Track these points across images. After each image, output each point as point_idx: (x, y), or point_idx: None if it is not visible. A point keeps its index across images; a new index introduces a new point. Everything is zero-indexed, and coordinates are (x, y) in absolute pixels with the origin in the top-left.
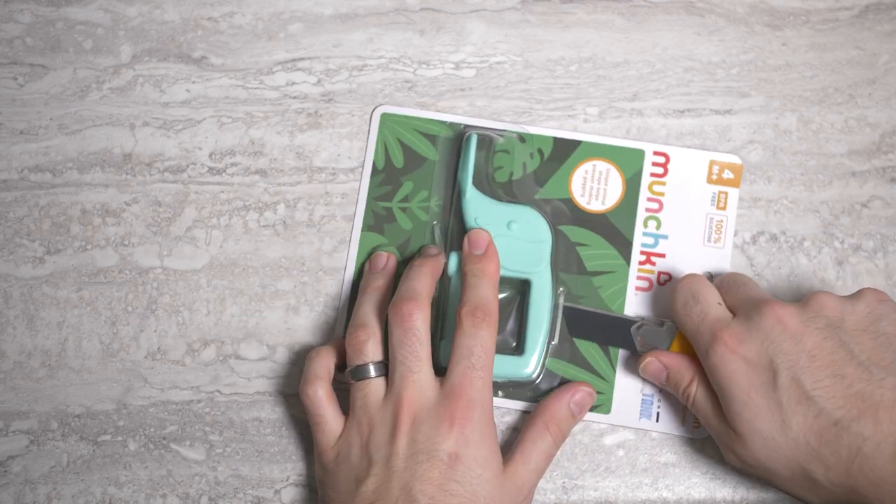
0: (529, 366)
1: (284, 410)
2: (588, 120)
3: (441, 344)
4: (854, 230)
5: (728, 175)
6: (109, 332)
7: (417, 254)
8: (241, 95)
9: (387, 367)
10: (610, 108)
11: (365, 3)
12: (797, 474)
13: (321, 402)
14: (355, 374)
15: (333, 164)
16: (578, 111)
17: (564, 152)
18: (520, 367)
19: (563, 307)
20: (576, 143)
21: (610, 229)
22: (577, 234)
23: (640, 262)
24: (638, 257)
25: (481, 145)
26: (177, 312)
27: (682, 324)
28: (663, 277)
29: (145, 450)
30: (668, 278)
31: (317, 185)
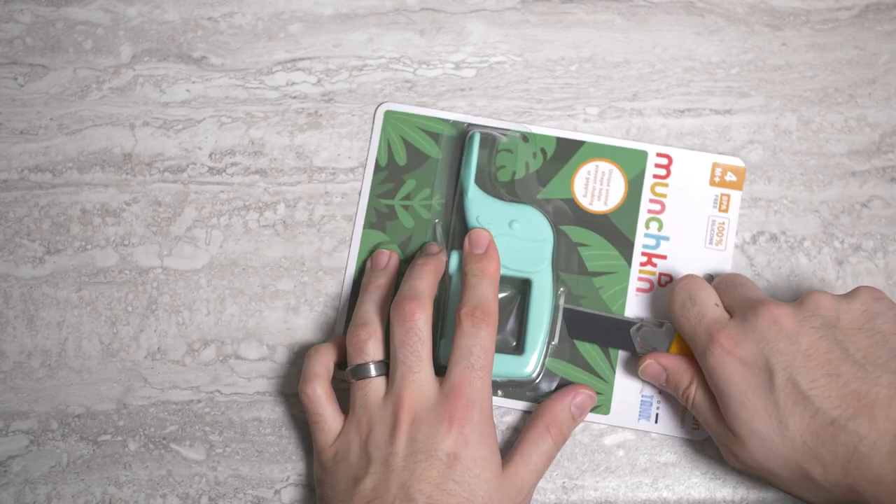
0: (529, 365)
1: (284, 410)
2: (588, 120)
3: (441, 343)
4: (854, 230)
5: (731, 178)
6: (109, 332)
7: (419, 251)
8: (241, 95)
9: (387, 366)
10: (610, 107)
11: (365, 3)
12: (796, 474)
13: (320, 401)
14: (356, 373)
15: (333, 164)
16: (578, 111)
17: (567, 152)
18: (520, 367)
19: (563, 309)
20: (579, 144)
21: (612, 230)
22: (578, 234)
23: (642, 264)
24: (639, 258)
25: (484, 144)
26: (177, 312)
27: (679, 325)
28: (664, 279)
29: (145, 450)
30: (669, 280)
31: (317, 185)
